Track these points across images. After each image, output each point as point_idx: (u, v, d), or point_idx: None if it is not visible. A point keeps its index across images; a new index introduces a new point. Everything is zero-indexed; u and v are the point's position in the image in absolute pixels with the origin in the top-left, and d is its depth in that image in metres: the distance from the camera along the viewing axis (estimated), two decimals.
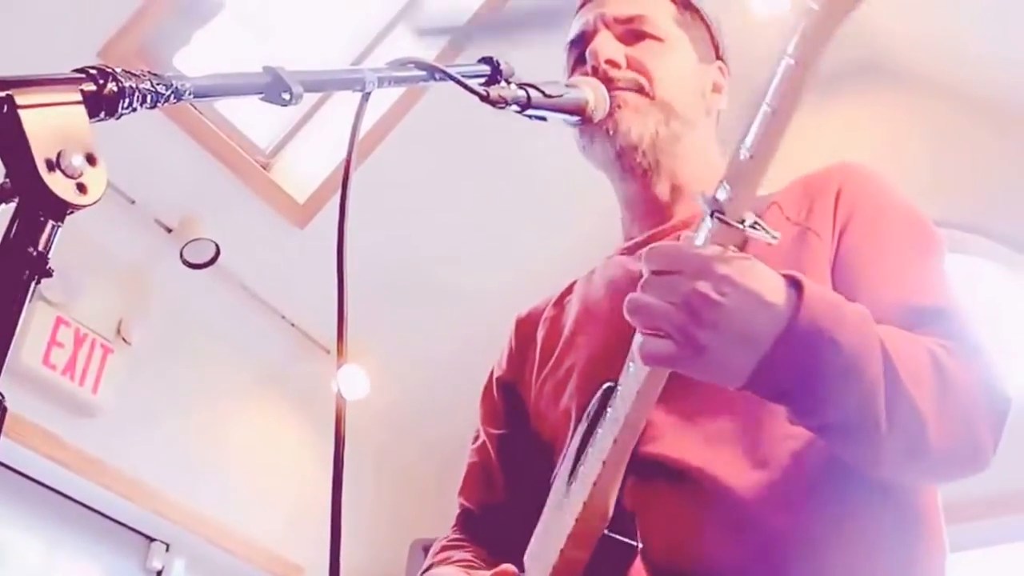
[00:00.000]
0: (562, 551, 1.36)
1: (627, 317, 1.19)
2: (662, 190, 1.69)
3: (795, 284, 1.20)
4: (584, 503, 1.33)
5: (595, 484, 1.33)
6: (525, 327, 1.88)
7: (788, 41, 1.08)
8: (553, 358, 1.73)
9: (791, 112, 1.10)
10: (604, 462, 1.32)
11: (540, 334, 1.82)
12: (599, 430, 1.37)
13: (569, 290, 1.86)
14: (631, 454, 1.38)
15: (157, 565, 4.98)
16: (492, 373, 1.90)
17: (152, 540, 5.02)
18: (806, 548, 1.34)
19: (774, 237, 1.13)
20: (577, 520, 1.34)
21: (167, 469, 4.87)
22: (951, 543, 1.47)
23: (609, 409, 1.35)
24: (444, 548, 1.77)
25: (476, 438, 1.88)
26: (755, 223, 1.14)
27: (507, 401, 1.84)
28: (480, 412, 1.89)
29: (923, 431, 1.23)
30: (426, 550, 5.69)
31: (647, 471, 1.41)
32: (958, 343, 1.33)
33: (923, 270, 1.48)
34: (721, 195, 1.13)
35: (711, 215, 1.14)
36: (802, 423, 1.26)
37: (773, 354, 1.17)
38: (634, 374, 1.28)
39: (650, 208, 1.71)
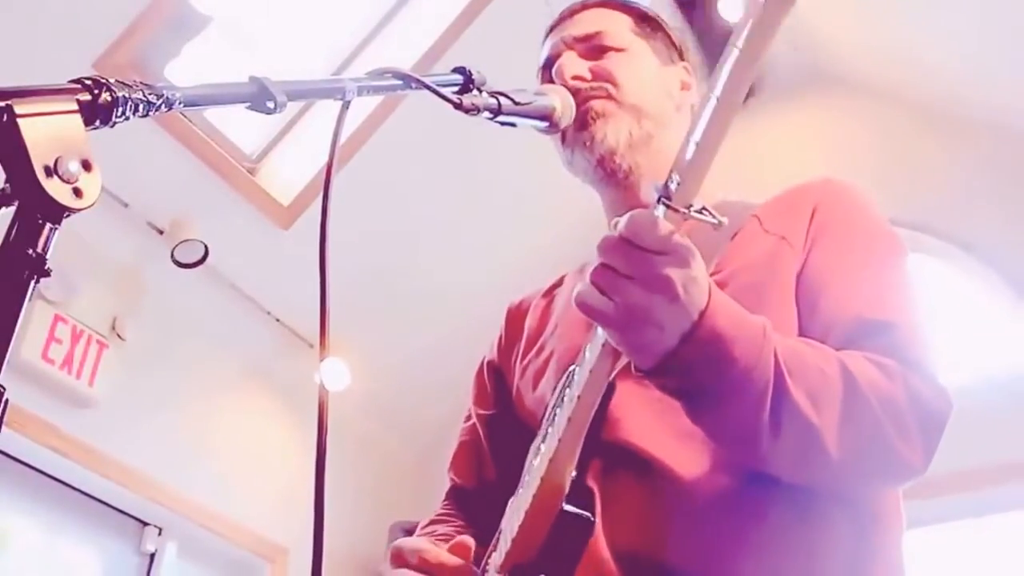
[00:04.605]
0: (521, 524, 1.35)
1: (589, 278, 1.18)
2: (644, 191, 1.67)
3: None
4: (541, 478, 1.33)
5: (551, 460, 1.32)
6: (515, 315, 1.89)
7: (736, 33, 1.08)
8: (536, 346, 1.74)
9: (737, 101, 1.10)
10: (560, 439, 1.31)
11: (528, 322, 1.83)
12: (558, 410, 1.37)
13: (559, 282, 1.88)
14: (602, 440, 1.39)
15: (150, 548, 4.96)
16: (484, 357, 1.91)
17: (145, 524, 5.00)
18: (760, 543, 1.33)
19: (720, 222, 1.13)
20: (535, 494, 1.33)
21: (160, 457, 4.85)
22: (909, 519, 1.47)
23: (567, 390, 1.35)
24: (432, 522, 1.78)
25: (468, 418, 1.88)
26: (702, 209, 1.13)
27: (495, 384, 1.85)
28: (472, 393, 1.90)
29: (817, 441, 1.24)
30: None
31: (614, 458, 1.40)
32: (896, 358, 1.33)
33: (879, 284, 1.47)
34: (672, 183, 1.13)
35: (658, 201, 1.14)
36: (691, 419, 1.28)
37: (678, 350, 1.18)
38: (588, 356, 1.29)
39: (633, 208, 1.71)
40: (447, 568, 1.42)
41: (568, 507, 1.31)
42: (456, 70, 1.47)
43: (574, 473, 1.34)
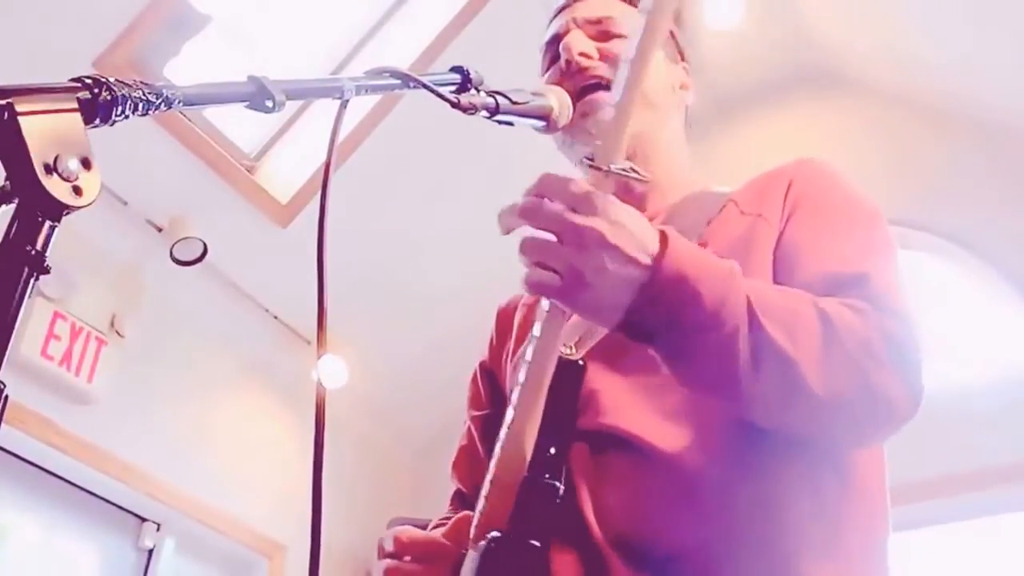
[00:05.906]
0: (487, 496, 1.32)
1: (519, 254, 1.19)
2: (635, 185, 1.67)
3: (662, 235, 1.22)
4: (501, 447, 1.31)
5: (509, 427, 1.30)
6: (505, 316, 1.89)
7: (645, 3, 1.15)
8: (524, 344, 1.73)
9: (645, 62, 1.16)
10: (515, 407, 1.30)
11: (516, 321, 1.82)
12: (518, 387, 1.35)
13: None
14: (587, 426, 1.38)
15: (148, 544, 4.96)
16: (479, 360, 1.90)
17: (144, 520, 5.00)
18: (751, 524, 1.33)
19: (644, 179, 1.18)
20: (497, 465, 1.31)
21: (158, 453, 4.85)
22: (897, 523, 1.46)
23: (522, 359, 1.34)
24: (437, 525, 1.77)
25: (466, 422, 1.88)
26: (625, 168, 1.16)
27: (488, 385, 1.84)
28: (467, 397, 1.89)
29: (797, 376, 1.22)
30: None
31: (601, 442, 1.39)
32: (870, 303, 1.33)
33: (853, 242, 1.47)
34: (595, 148, 1.17)
35: (581, 163, 1.17)
36: (669, 368, 1.26)
37: (639, 298, 1.18)
38: (535, 327, 1.28)
39: (624, 202, 1.71)
40: (418, 543, 1.44)
41: (532, 475, 1.29)
42: (454, 69, 1.48)
43: (553, 450, 1.33)
